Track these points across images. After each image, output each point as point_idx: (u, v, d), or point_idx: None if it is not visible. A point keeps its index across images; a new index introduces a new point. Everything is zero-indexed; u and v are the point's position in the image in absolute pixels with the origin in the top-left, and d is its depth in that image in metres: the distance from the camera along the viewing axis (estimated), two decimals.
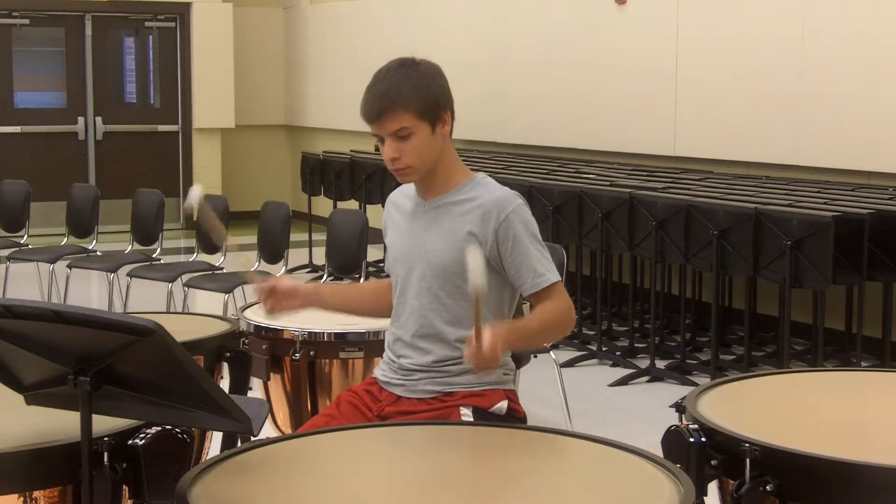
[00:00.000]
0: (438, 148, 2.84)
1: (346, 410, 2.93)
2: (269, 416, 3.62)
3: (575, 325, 3.04)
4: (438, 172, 2.88)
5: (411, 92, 2.78)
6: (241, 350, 3.42)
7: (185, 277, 6.75)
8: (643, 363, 6.47)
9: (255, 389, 3.70)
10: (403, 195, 3.02)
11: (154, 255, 7.45)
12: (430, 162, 2.84)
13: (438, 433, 2.51)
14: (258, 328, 3.65)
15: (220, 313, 5.25)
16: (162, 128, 12.50)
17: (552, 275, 2.81)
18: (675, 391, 5.92)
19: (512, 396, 2.91)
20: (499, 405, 2.85)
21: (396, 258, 2.96)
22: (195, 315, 4.69)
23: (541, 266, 2.80)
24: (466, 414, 2.82)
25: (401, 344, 2.92)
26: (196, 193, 2.89)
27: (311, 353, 3.55)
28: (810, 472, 2.16)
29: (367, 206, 8.95)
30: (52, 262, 7.55)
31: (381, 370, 2.98)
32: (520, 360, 3.37)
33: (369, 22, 11.46)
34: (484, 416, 2.82)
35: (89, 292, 8.48)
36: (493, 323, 2.69)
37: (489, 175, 2.95)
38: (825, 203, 5.85)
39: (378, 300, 3.10)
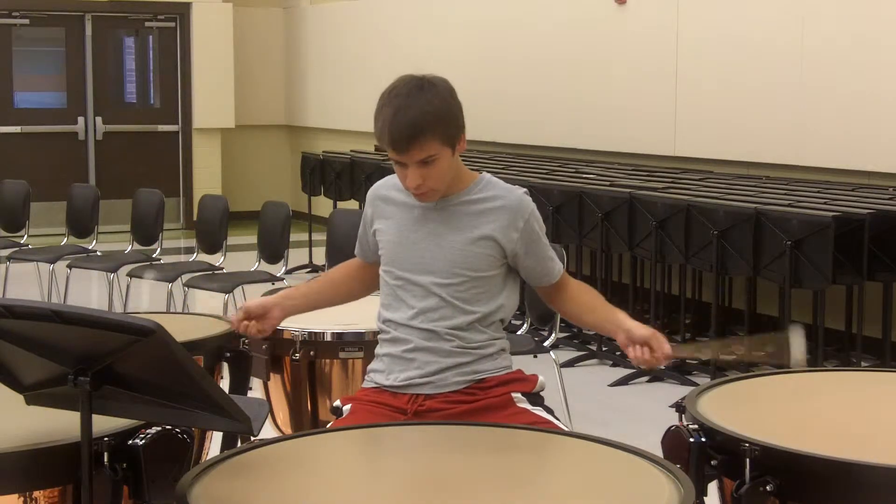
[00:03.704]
0: (456, 165, 2.83)
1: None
2: (269, 416, 3.62)
3: None
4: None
5: (437, 120, 2.72)
6: (241, 350, 3.41)
7: (185, 277, 6.75)
8: None
9: (255, 389, 3.69)
10: (393, 188, 2.93)
11: (154, 255, 7.45)
12: (449, 180, 2.82)
13: (438, 433, 2.51)
14: None
15: (220, 313, 5.24)
16: (162, 128, 12.51)
17: (558, 261, 3.01)
18: (675, 391, 5.92)
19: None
20: (539, 382, 2.93)
21: (399, 256, 2.88)
22: (195, 315, 4.69)
23: (553, 256, 2.97)
24: (520, 399, 2.85)
25: (413, 343, 2.82)
26: None
27: (311, 353, 3.55)
28: (810, 472, 2.16)
29: None
30: (52, 262, 7.55)
31: (386, 376, 2.86)
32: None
33: (369, 22, 11.46)
34: (535, 399, 2.88)
35: (89, 292, 8.48)
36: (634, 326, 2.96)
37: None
38: (825, 203, 5.85)
39: (350, 286, 3.10)
